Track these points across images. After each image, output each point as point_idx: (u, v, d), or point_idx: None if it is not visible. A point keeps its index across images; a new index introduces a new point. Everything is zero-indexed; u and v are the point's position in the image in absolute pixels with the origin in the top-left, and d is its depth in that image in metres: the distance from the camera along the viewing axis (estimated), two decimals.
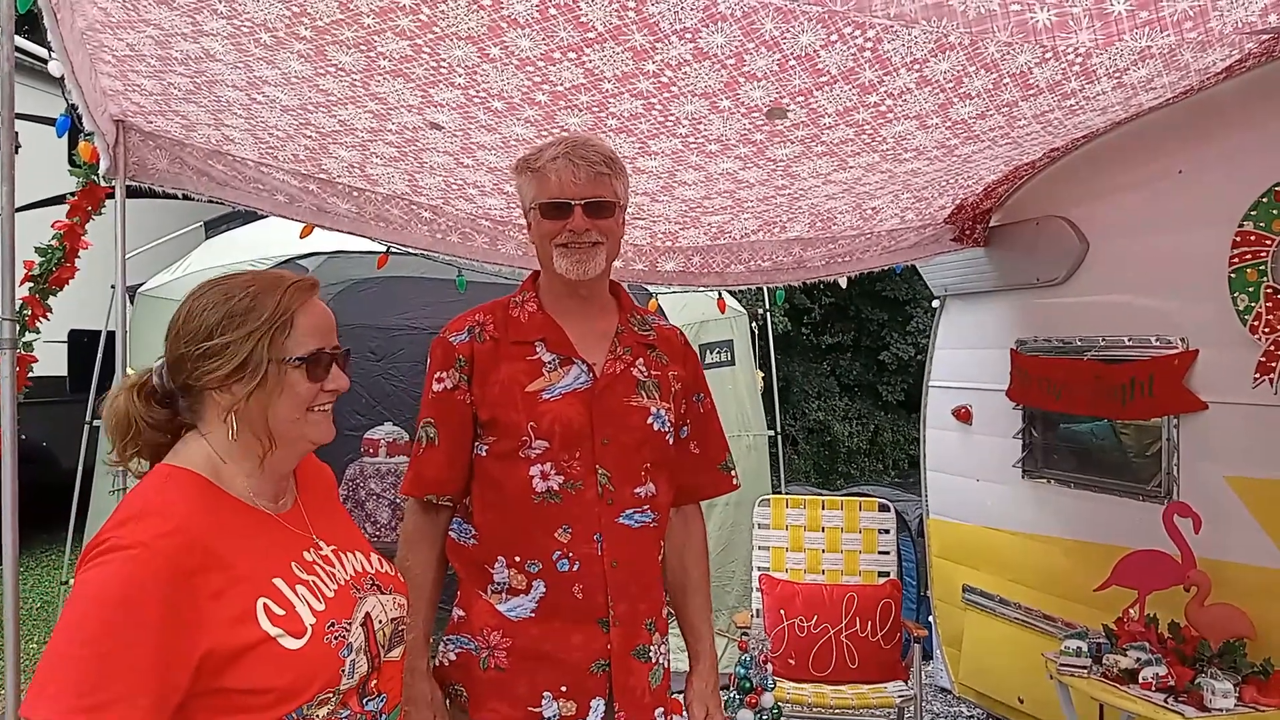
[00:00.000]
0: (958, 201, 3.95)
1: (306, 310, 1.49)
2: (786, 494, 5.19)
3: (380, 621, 1.53)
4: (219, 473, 1.47)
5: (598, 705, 1.98)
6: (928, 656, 5.14)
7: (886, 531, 4.43)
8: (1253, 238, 3.02)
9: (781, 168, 3.01)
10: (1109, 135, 3.53)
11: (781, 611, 4.21)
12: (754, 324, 5.76)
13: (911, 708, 3.88)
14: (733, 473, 2.27)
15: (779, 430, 5.80)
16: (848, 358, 13.01)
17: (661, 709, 2.06)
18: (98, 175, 3.46)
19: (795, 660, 4.11)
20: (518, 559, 1.98)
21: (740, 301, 5.98)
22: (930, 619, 4.74)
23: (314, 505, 1.62)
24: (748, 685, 2.93)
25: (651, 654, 2.04)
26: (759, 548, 4.50)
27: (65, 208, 3.58)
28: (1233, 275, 3.08)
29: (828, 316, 13.02)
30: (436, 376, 2.05)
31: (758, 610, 4.34)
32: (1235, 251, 3.07)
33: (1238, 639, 2.96)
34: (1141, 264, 3.53)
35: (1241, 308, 3.04)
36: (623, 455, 2.02)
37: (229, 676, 1.33)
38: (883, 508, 4.48)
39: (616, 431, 2.01)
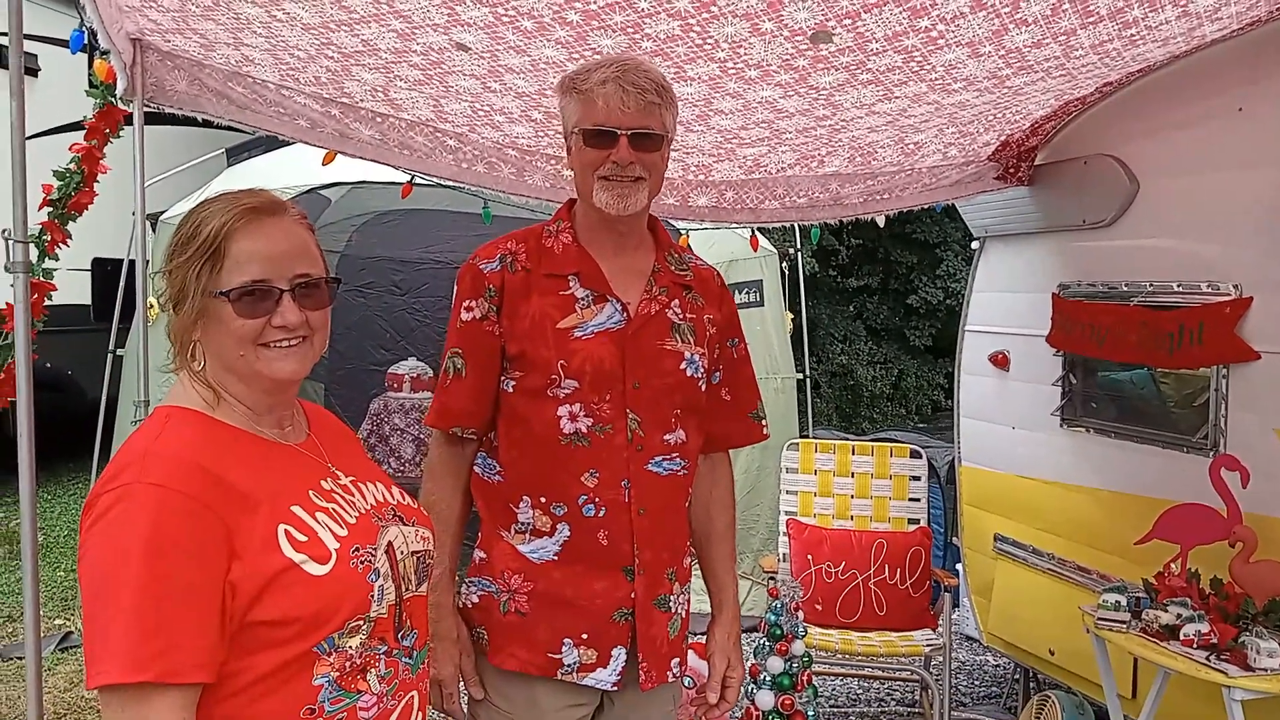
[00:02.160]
0: (1003, 138, 3.79)
1: (248, 236, 1.37)
2: (815, 438, 5.12)
3: (402, 552, 1.46)
4: (215, 406, 1.39)
5: (619, 654, 1.92)
6: (957, 604, 5.09)
7: (918, 478, 4.35)
8: None
9: (824, 97, 2.87)
10: (1165, 70, 3.35)
11: (809, 557, 4.15)
12: (784, 264, 5.63)
13: (940, 656, 3.82)
14: (763, 421, 2.19)
15: (807, 373, 5.70)
16: (875, 301, 12.84)
17: (677, 658, 2.00)
18: (115, 97, 3.35)
19: (822, 606, 4.06)
20: (543, 500, 1.91)
21: (771, 240, 5.85)
22: (958, 567, 4.67)
23: (329, 440, 1.54)
24: (778, 632, 2.87)
25: (671, 604, 1.98)
26: (786, 492, 4.43)
27: (84, 131, 3.47)
28: None
29: (856, 258, 12.84)
30: (465, 305, 1.96)
31: (784, 555, 4.28)
32: None
33: None
34: (1194, 206, 3.37)
35: None
36: (654, 400, 1.93)
37: (257, 609, 1.28)
38: (914, 454, 4.39)
39: (649, 375, 1.92)
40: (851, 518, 4.33)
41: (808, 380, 5.74)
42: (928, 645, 3.76)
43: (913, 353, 13.02)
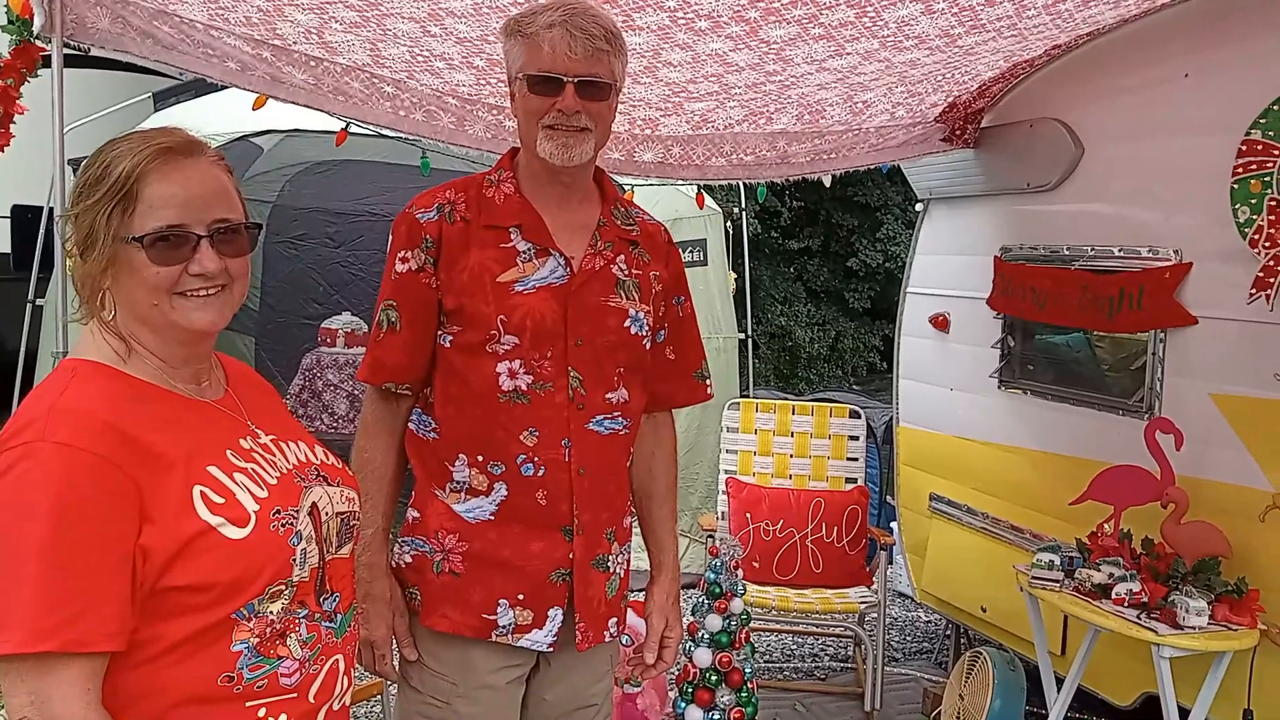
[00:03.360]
0: (951, 99, 3.77)
1: (163, 178, 1.28)
2: (755, 398, 5.12)
3: (327, 514, 1.40)
4: (126, 359, 1.31)
5: (555, 615, 1.89)
6: (891, 561, 5.16)
7: (856, 438, 4.37)
8: (1260, 147, 2.89)
9: (775, 51, 2.81)
10: (1114, 33, 3.36)
11: (747, 515, 4.15)
12: (729, 223, 5.59)
13: (875, 613, 3.86)
14: (707, 381, 2.15)
15: (749, 334, 5.69)
16: (816, 263, 12.90)
17: (614, 618, 1.98)
18: (32, 33, 3.17)
19: (760, 564, 4.07)
20: (480, 458, 1.86)
21: (715, 199, 5.80)
22: (893, 525, 4.73)
23: (249, 396, 1.47)
24: (717, 590, 2.86)
25: (610, 564, 1.95)
26: (726, 450, 4.42)
27: None
28: (1235, 186, 2.95)
29: (797, 220, 12.87)
30: (400, 256, 1.88)
31: (723, 513, 4.28)
32: (1240, 161, 2.94)
33: (1212, 557, 2.92)
34: (1138, 171, 3.40)
35: (1242, 220, 2.92)
36: (596, 358, 1.88)
37: (170, 574, 1.21)
38: (853, 414, 4.41)
39: (591, 332, 1.87)
40: (790, 477, 4.34)
41: (749, 340, 5.72)
42: (862, 602, 3.80)
43: (851, 315, 13.14)
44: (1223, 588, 2.84)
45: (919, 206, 4.50)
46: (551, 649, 1.90)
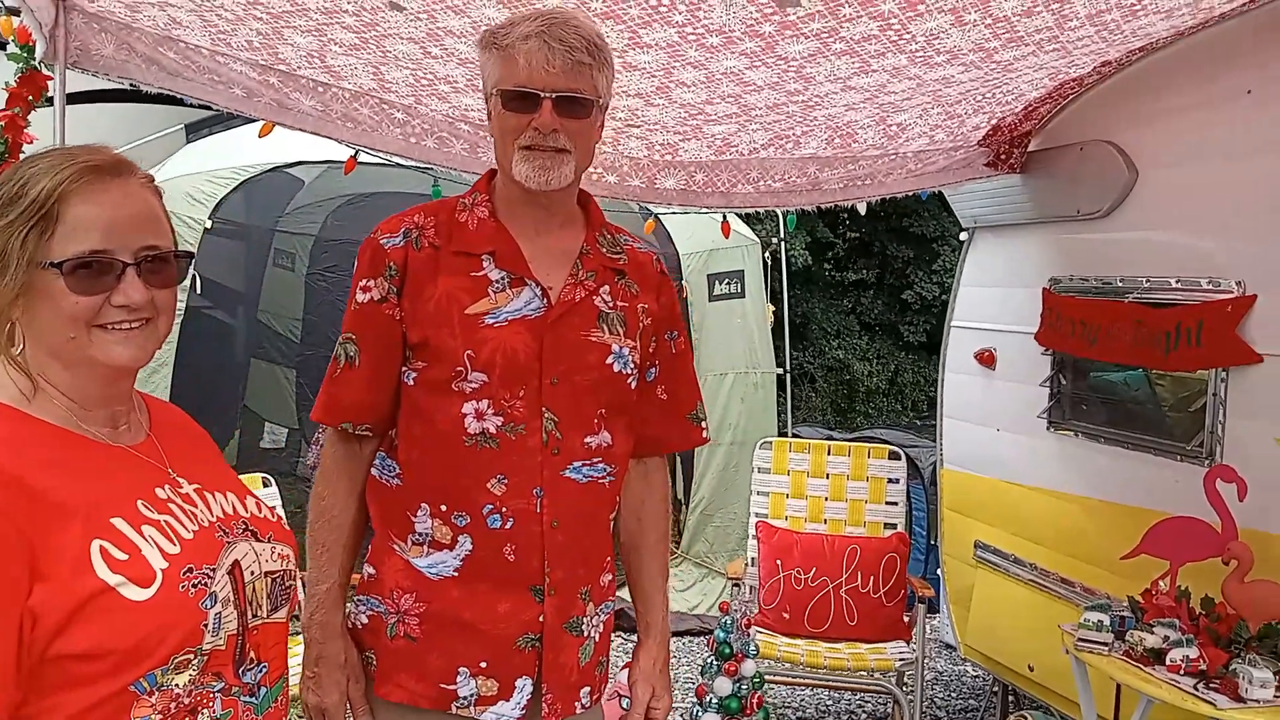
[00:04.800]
0: (994, 121, 3.55)
1: (87, 199, 1.16)
2: (791, 437, 4.91)
3: (253, 573, 1.25)
4: (31, 398, 1.18)
5: (523, 685, 1.71)
6: (935, 610, 4.87)
7: (896, 481, 4.13)
8: None
9: (794, 69, 2.64)
10: (1169, 49, 3.12)
11: (778, 562, 3.93)
12: (766, 254, 5.40)
13: (912, 671, 3.61)
14: (703, 424, 1.96)
15: (788, 368, 5.47)
16: (870, 295, 12.64)
17: (587, 688, 1.78)
18: (36, 61, 3.12)
19: (790, 614, 3.84)
20: (443, 508, 1.69)
21: (754, 230, 5.62)
22: (939, 573, 4.45)
23: (174, 441, 1.32)
24: (727, 651, 2.65)
25: (584, 627, 1.76)
26: (758, 493, 4.21)
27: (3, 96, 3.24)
28: None
29: (851, 252, 12.63)
30: (362, 285, 1.74)
31: (753, 559, 4.06)
32: None
33: (1279, 620, 2.64)
34: (1196, 197, 3.14)
35: None
36: (574, 398, 1.71)
37: (62, 640, 1.07)
38: (893, 455, 4.17)
39: (570, 370, 1.70)
40: (825, 521, 4.11)
41: (788, 375, 5.50)
42: (899, 659, 3.54)
43: (907, 348, 12.81)
44: None
45: (963, 236, 4.27)
46: None
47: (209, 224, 5.06)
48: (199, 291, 5.02)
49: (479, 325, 1.68)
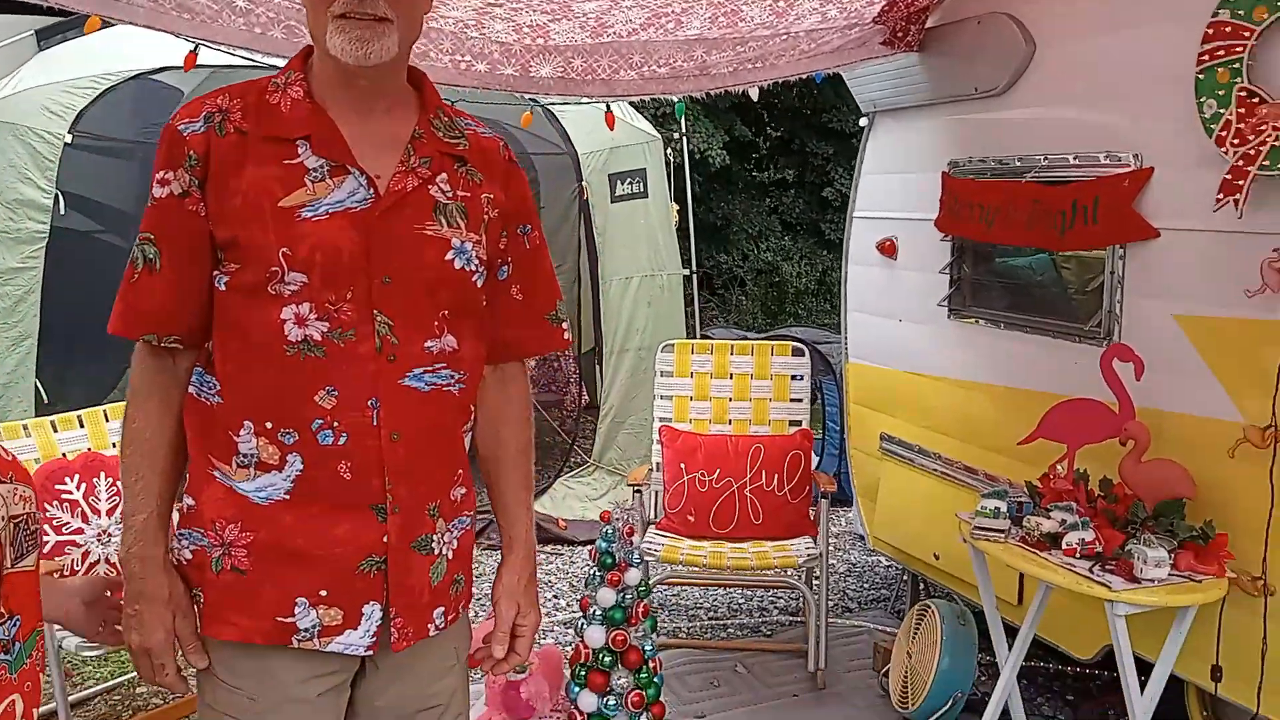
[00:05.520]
0: None
1: None
2: (694, 339, 4.79)
3: None
4: None
5: (371, 611, 1.56)
6: (849, 503, 4.86)
7: (800, 377, 4.03)
8: (1228, 29, 2.50)
9: None
10: None
11: (682, 465, 3.83)
12: (669, 150, 5.19)
13: (819, 567, 3.56)
14: (564, 325, 1.80)
15: (694, 269, 5.32)
16: (791, 195, 12.46)
17: (441, 609, 1.64)
18: None
19: (695, 517, 3.76)
20: (269, 425, 1.51)
21: (656, 125, 5.40)
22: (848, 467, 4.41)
23: None
24: (610, 561, 2.53)
25: (435, 545, 1.61)
26: (661, 397, 4.08)
27: None
28: (1200, 76, 2.57)
29: (772, 151, 12.41)
30: (160, 178, 1.52)
31: (657, 464, 3.95)
32: (1206, 47, 2.55)
33: (1176, 499, 2.60)
34: (1094, 68, 3.01)
35: (1208, 115, 2.55)
36: (411, 299, 1.53)
37: None
38: (797, 352, 4.06)
39: (403, 268, 1.52)
40: (730, 422, 4.01)
41: (694, 277, 5.35)
42: (804, 555, 3.48)
43: (828, 246, 12.70)
44: (1187, 533, 2.52)
45: (863, 121, 4.11)
46: (372, 651, 1.58)
47: (69, 138, 4.68)
48: (62, 211, 4.66)
49: (295, 219, 1.48)
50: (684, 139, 5.34)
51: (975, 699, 3.24)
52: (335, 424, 1.50)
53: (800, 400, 4.02)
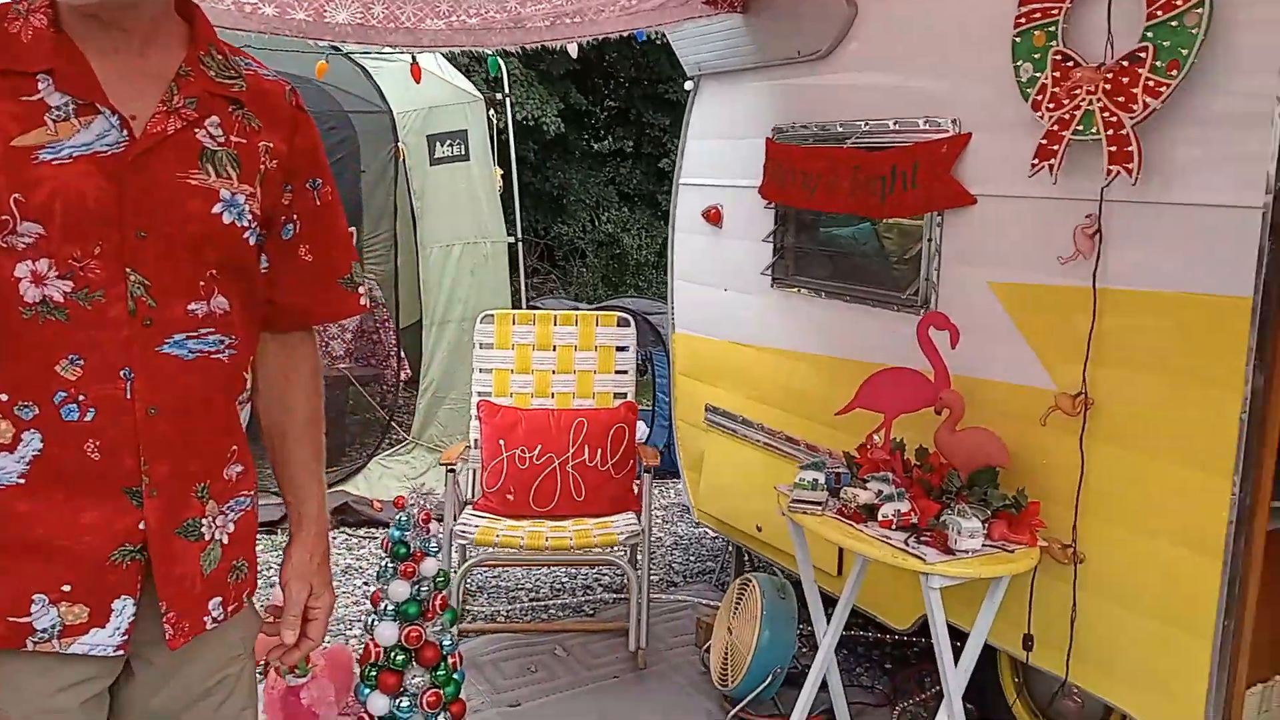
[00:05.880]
0: None
1: None
2: (540, 308, 4.60)
3: None
4: None
5: (123, 606, 1.35)
6: (679, 475, 4.77)
7: (625, 349, 3.89)
8: None
9: None
10: None
11: (501, 442, 3.63)
12: (492, 111, 4.95)
13: (642, 543, 3.44)
14: (360, 291, 1.61)
15: (519, 236, 5.10)
16: (628, 165, 12.36)
17: (218, 599, 1.44)
18: None
19: (514, 495, 3.58)
20: (3, 398, 1.29)
21: (479, 85, 5.14)
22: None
23: None
24: (403, 550, 2.32)
25: (204, 530, 1.41)
26: (480, 370, 3.87)
27: None
28: (1017, 39, 2.54)
29: (610, 121, 12.27)
30: None
31: (475, 441, 3.75)
32: (1023, 10, 2.52)
33: (989, 468, 2.58)
34: (914, 31, 2.96)
35: (1025, 79, 2.52)
36: (171, 257, 1.33)
37: None
38: (622, 322, 3.92)
39: (162, 221, 1.31)
40: (552, 395, 3.84)
41: (520, 245, 5.13)
42: (626, 533, 3.36)
43: (665, 218, 12.68)
44: (1000, 502, 2.51)
45: (688, 85, 3.99)
46: (121, 652, 1.35)
47: None
48: None
49: (31, 162, 1.25)
50: (507, 100, 5.09)
51: (795, 672, 3.20)
52: (81, 397, 1.29)
53: (626, 372, 3.89)
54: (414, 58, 3.88)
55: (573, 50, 3.41)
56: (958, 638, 2.60)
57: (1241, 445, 2.14)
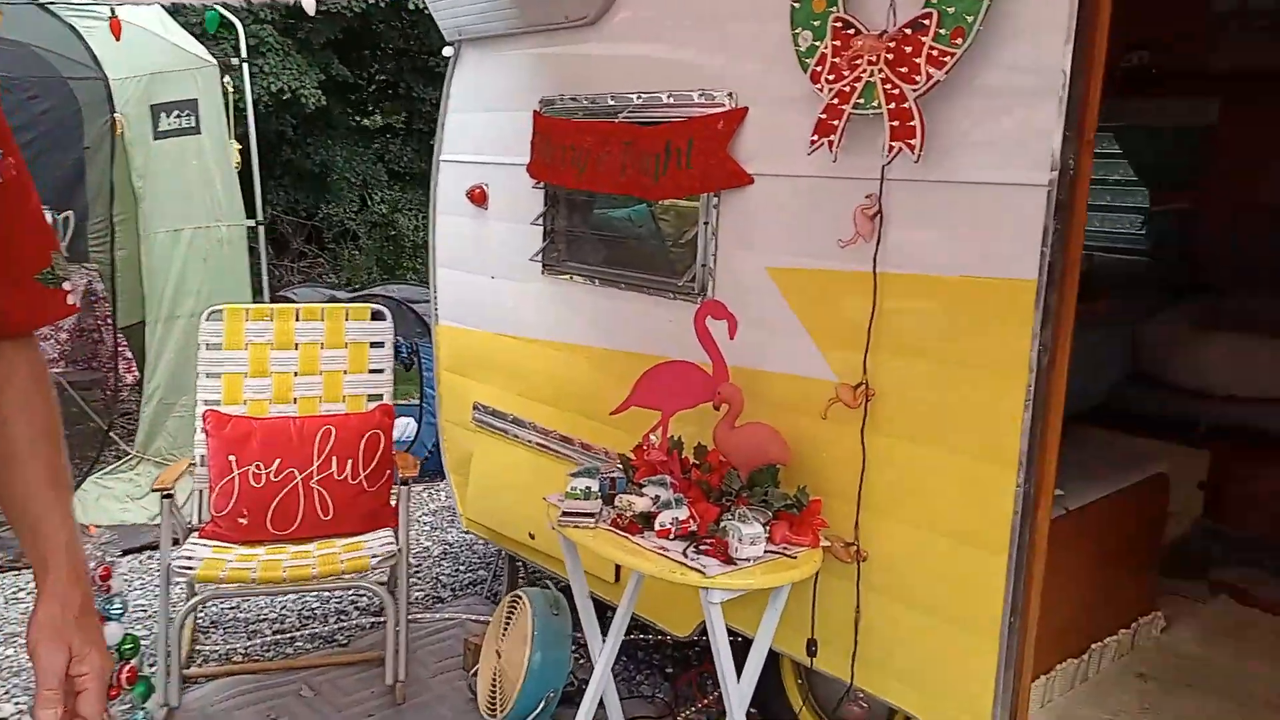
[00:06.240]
0: None
1: None
2: (283, 301, 4.10)
3: None
4: None
5: None
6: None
7: (380, 345, 3.49)
8: None
9: None
10: None
11: (231, 458, 3.15)
12: (227, 79, 4.39)
13: (400, 564, 3.07)
14: (65, 288, 1.28)
15: (261, 219, 4.56)
16: (399, 142, 11.75)
17: None
18: None
19: (249, 518, 3.11)
20: None
21: (210, 48, 4.56)
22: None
23: None
24: None
25: None
26: (206, 375, 3.35)
27: None
28: (796, 5, 2.35)
29: (377, 94, 11.62)
30: None
31: (201, 458, 3.24)
32: None
33: (770, 465, 2.40)
34: None
35: (804, 48, 2.34)
36: None
37: None
38: (377, 315, 3.51)
39: None
40: (295, 401, 3.38)
41: (261, 229, 4.60)
42: (379, 555, 2.97)
43: None
44: (781, 502, 2.33)
45: (447, 51, 3.63)
46: None
47: None
48: None
49: None
50: (245, 66, 4.53)
51: (571, 690, 2.94)
52: None
53: (381, 371, 3.48)
54: (112, 11, 3.31)
55: (309, 7, 2.98)
56: (741, 643, 2.42)
57: (1026, 435, 2.04)
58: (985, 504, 2.12)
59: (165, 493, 2.92)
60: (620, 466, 2.58)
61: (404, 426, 5.10)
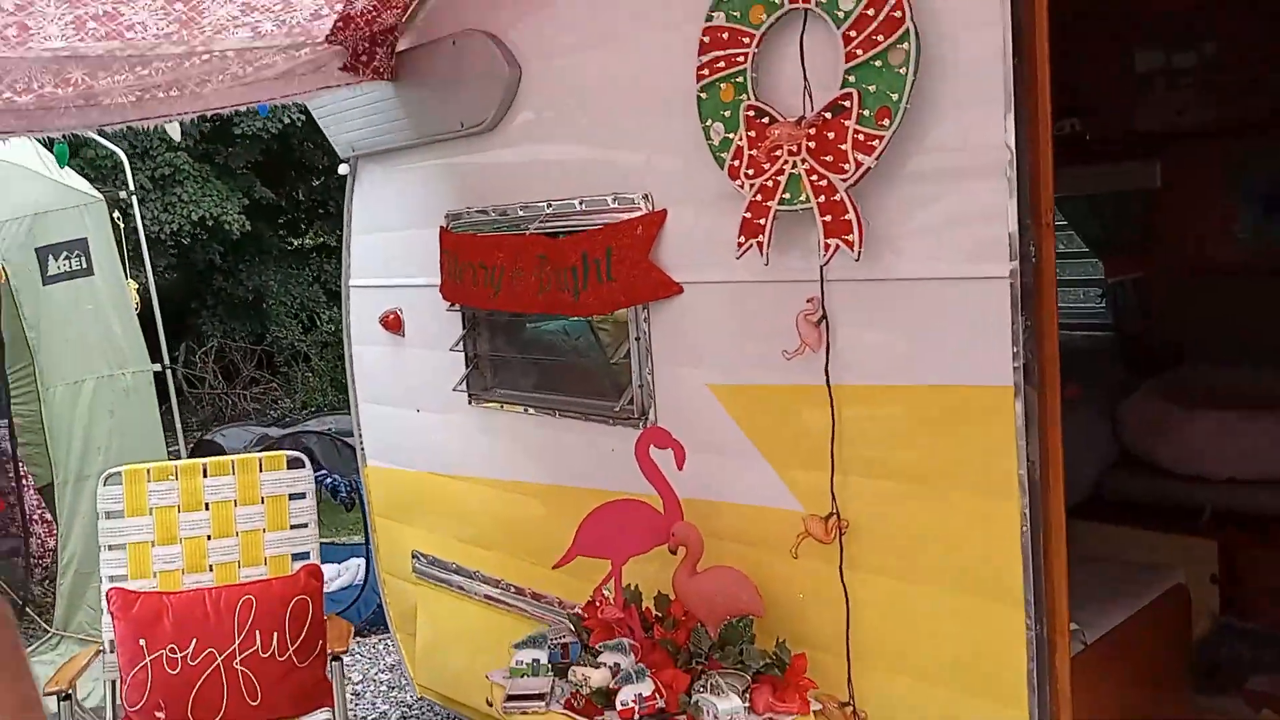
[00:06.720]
0: (342, 8, 2.64)
1: None
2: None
3: None
4: None
5: None
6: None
7: (302, 496, 3.14)
8: (725, 35, 2.05)
9: None
10: None
11: (142, 641, 2.78)
12: (115, 213, 4.09)
13: None
14: None
15: (168, 363, 4.23)
16: (335, 261, 11.49)
17: None
18: None
19: (166, 710, 2.74)
20: None
21: (94, 182, 4.26)
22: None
23: None
24: None
25: None
26: (109, 548, 2.99)
27: None
28: (703, 95, 2.11)
29: (308, 214, 11.38)
30: None
31: (110, 643, 2.87)
32: (704, 59, 2.09)
33: (742, 617, 2.08)
34: (589, 92, 2.50)
35: (717, 142, 2.09)
36: None
37: None
38: (294, 463, 3.17)
39: None
40: (211, 569, 3.03)
41: (170, 373, 4.26)
42: None
43: None
44: (760, 662, 2.01)
45: (343, 169, 3.36)
46: None
47: None
48: None
49: None
50: (134, 198, 4.23)
51: None
52: None
53: (305, 525, 3.13)
54: None
55: (174, 132, 2.73)
56: None
57: (1028, 564, 1.75)
58: (992, 649, 1.82)
59: (61, 694, 2.54)
60: (572, 629, 2.25)
61: (355, 570, 4.73)
